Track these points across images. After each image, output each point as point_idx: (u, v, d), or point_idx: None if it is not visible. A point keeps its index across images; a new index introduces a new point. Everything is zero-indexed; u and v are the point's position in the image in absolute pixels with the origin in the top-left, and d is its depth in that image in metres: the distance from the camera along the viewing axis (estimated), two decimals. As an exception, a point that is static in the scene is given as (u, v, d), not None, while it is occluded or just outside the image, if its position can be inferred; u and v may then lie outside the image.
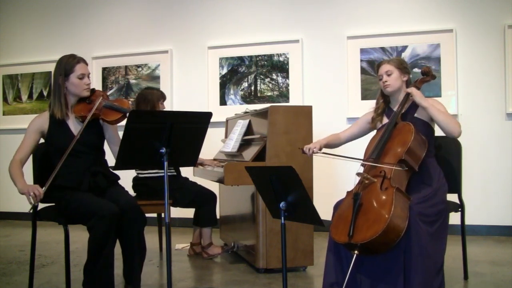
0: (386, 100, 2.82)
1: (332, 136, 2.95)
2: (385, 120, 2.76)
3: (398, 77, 2.70)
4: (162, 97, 3.74)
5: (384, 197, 2.28)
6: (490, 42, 4.45)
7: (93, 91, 2.78)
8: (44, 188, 2.48)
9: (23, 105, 5.93)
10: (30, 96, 5.90)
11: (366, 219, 2.26)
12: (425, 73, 2.74)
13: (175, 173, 3.70)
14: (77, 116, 2.71)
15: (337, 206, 2.56)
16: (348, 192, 2.53)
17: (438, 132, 2.88)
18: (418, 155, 2.49)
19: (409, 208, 2.29)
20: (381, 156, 2.49)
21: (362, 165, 2.59)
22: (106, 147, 2.86)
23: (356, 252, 2.22)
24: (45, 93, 5.82)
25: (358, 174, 2.50)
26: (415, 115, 2.66)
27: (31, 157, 2.79)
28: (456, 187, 2.89)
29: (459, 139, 2.95)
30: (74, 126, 2.73)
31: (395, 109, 2.72)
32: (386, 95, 2.80)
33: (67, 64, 2.70)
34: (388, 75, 2.69)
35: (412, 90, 2.62)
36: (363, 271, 2.36)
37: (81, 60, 2.74)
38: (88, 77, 2.74)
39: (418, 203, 2.35)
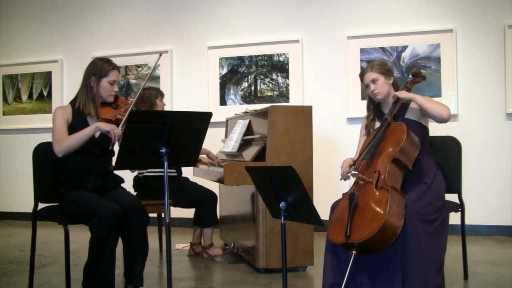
0: (375, 105, 2.83)
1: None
2: (377, 124, 2.77)
3: (384, 82, 2.71)
4: (160, 94, 3.77)
5: (379, 196, 2.30)
6: (490, 42, 4.45)
7: (116, 97, 2.84)
8: (120, 127, 2.58)
9: (23, 105, 5.93)
10: (30, 96, 5.90)
11: (362, 218, 2.27)
12: (416, 74, 2.77)
13: (175, 174, 3.70)
14: (102, 118, 2.73)
15: (334, 206, 2.57)
16: (343, 194, 2.55)
17: (439, 132, 2.88)
18: (412, 154, 2.50)
19: (405, 207, 2.29)
20: (375, 157, 2.50)
21: (356, 165, 2.60)
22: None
23: (354, 252, 2.22)
24: (45, 93, 5.82)
25: (353, 174, 2.50)
26: (406, 116, 2.68)
27: (30, 156, 2.79)
28: (456, 187, 2.89)
29: (459, 139, 2.97)
30: None
31: (386, 112, 2.73)
32: (374, 101, 2.81)
33: (103, 68, 2.75)
34: (374, 83, 2.71)
35: (395, 92, 2.67)
36: (362, 270, 2.36)
37: (116, 67, 2.80)
38: (117, 85, 2.81)
39: (414, 202, 2.36)
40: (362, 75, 2.79)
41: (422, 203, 2.38)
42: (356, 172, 2.48)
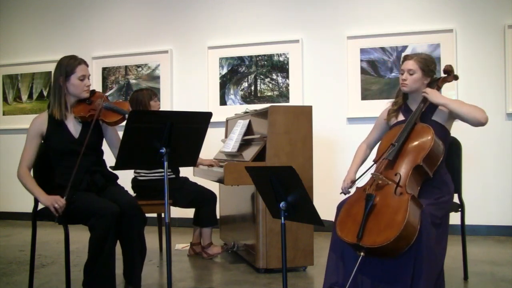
0: (405, 97, 2.70)
1: (359, 156, 2.82)
2: (400, 117, 2.66)
3: (419, 78, 2.57)
4: (154, 94, 3.74)
5: (398, 203, 2.21)
6: (490, 42, 4.45)
7: (93, 92, 2.79)
8: (64, 197, 2.50)
9: (23, 105, 5.93)
10: (30, 96, 5.90)
11: (377, 222, 2.20)
12: (447, 72, 2.62)
13: (173, 176, 3.69)
14: (77, 117, 2.72)
15: (340, 207, 2.48)
16: (357, 188, 2.45)
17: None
18: (435, 161, 2.41)
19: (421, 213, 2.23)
20: (397, 158, 2.39)
21: (377, 165, 2.51)
22: (104, 147, 2.86)
23: (362, 253, 2.17)
24: (45, 93, 5.82)
25: (372, 174, 2.41)
26: (433, 117, 2.56)
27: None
28: (456, 187, 2.88)
29: (459, 139, 2.96)
30: (73, 127, 2.74)
31: (413, 108, 2.62)
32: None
33: (68, 65, 2.70)
34: (410, 74, 2.57)
35: (427, 90, 2.53)
36: (365, 272, 2.31)
37: (82, 61, 2.74)
38: (88, 78, 2.76)
39: (430, 204, 2.31)
40: (404, 59, 2.63)
41: (437, 207, 2.34)
42: (377, 173, 2.39)
